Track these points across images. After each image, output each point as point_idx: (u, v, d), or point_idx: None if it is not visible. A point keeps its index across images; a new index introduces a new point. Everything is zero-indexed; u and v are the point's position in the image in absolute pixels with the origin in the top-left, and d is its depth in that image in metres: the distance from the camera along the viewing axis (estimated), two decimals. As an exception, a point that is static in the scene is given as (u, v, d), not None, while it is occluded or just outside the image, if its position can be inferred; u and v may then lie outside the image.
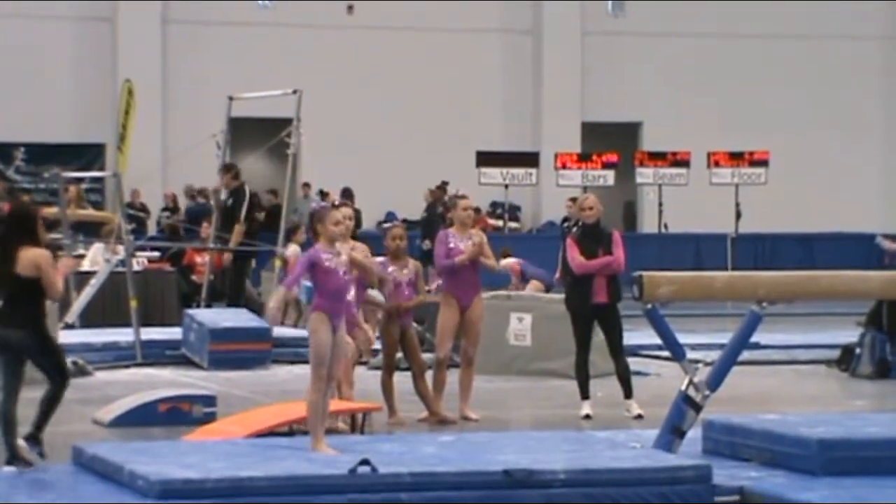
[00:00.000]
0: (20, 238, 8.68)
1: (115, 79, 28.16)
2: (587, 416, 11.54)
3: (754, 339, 8.96)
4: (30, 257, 8.63)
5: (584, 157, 27.60)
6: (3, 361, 8.75)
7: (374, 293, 11.28)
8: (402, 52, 29.61)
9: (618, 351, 11.73)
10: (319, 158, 27.90)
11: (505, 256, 17.57)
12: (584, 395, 11.71)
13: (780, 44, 30.91)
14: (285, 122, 18.76)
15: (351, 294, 9.85)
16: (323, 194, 26.94)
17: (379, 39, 29.53)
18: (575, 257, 11.64)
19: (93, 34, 28.81)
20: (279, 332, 16.24)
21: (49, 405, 8.84)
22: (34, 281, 8.63)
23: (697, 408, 8.50)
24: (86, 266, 17.68)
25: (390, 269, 11.35)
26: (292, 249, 18.76)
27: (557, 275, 17.45)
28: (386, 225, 12.17)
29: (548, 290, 17.58)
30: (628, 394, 11.71)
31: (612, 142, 29.04)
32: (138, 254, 18.21)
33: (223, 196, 17.96)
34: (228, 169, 17.79)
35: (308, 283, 17.22)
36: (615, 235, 11.78)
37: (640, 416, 11.42)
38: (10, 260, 8.63)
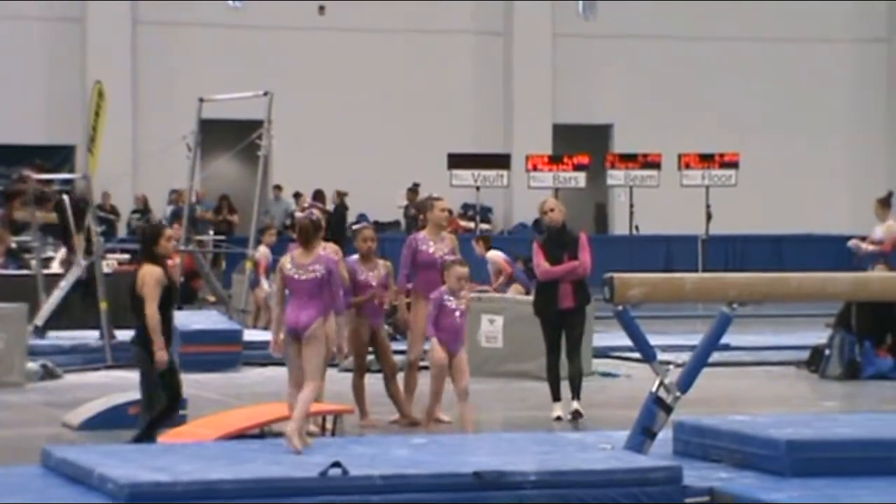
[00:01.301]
0: (144, 257, 9.04)
1: (85, 80, 28.06)
2: (558, 418, 11.54)
3: (724, 340, 8.99)
4: (140, 276, 8.93)
5: (555, 159, 27.62)
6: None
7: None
8: (374, 54, 29.59)
9: (573, 353, 11.63)
10: (291, 160, 27.87)
11: (485, 244, 16.98)
12: (556, 397, 11.73)
13: (751, 46, 31.02)
14: (256, 124, 18.76)
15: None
16: (297, 196, 26.88)
17: (350, 41, 29.50)
18: (540, 263, 11.59)
19: (62, 35, 28.69)
20: (250, 334, 16.22)
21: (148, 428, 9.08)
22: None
23: (668, 409, 8.51)
24: (55, 268, 17.62)
25: (360, 269, 11.35)
26: (262, 251, 18.74)
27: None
28: (356, 226, 12.13)
29: (528, 292, 17.58)
30: (575, 396, 11.59)
31: (583, 144, 29.08)
32: (108, 256, 18.14)
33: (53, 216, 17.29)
34: (42, 201, 17.09)
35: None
36: (581, 238, 11.69)
37: (577, 413, 11.37)
38: (134, 279, 8.99)
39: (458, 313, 10.78)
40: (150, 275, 8.88)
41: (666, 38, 30.68)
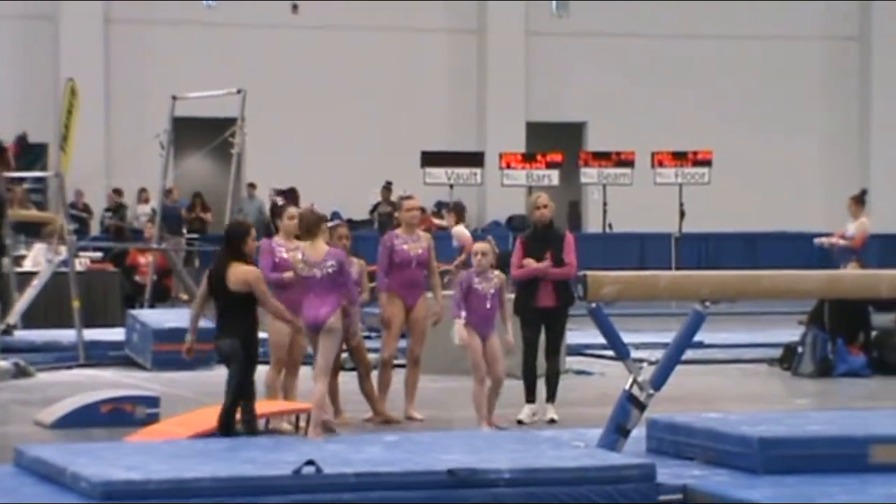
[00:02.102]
0: (231, 255, 9.33)
1: (58, 78, 27.95)
2: (520, 422, 11.27)
3: (698, 338, 9.01)
4: (238, 274, 9.24)
5: (528, 157, 27.64)
6: (228, 369, 9.41)
7: None
8: (347, 52, 29.56)
9: (553, 353, 11.51)
10: (264, 158, 27.83)
11: (457, 216, 16.42)
12: (530, 398, 11.53)
13: (725, 44, 31.08)
14: (230, 122, 18.72)
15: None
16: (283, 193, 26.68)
17: (324, 39, 29.47)
18: (514, 263, 11.42)
19: (35, 33, 28.57)
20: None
21: (245, 423, 9.35)
22: (245, 295, 9.28)
23: (641, 407, 8.53)
24: (28, 266, 17.57)
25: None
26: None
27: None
28: (330, 224, 12.10)
29: None
30: (550, 397, 11.47)
31: (556, 142, 29.09)
32: (81, 254, 18.09)
33: None
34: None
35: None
36: (567, 238, 11.46)
37: (553, 421, 11.26)
38: (223, 276, 9.26)
39: (487, 297, 10.54)
40: (253, 275, 9.29)
41: (639, 36, 30.73)
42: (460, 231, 16.00)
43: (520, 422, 11.35)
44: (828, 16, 31.83)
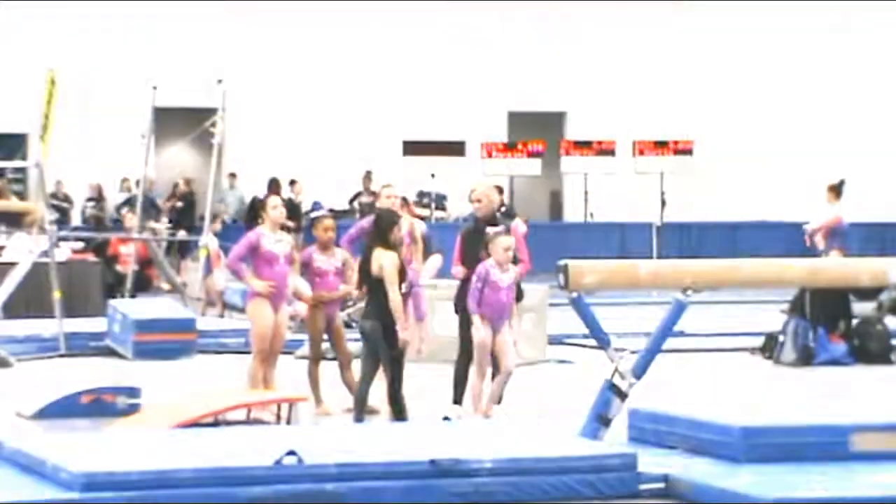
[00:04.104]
0: (377, 240, 9.87)
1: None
2: (446, 418, 10.50)
3: (679, 326, 9.02)
4: (377, 258, 9.77)
5: (510, 146, 27.65)
6: (363, 349, 9.92)
7: (300, 282, 11.27)
8: (328, 41, 29.51)
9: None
10: (245, 148, 27.78)
11: (408, 210, 16.01)
12: (457, 399, 10.91)
13: (705, 34, 31.10)
14: (210, 112, 18.69)
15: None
16: (292, 183, 26.52)
17: (305, 29, 29.41)
18: (454, 260, 10.98)
19: (14, 22, 28.44)
20: (204, 322, 16.16)
21: (391, 400, 9.91)
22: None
23: (623, 396, 8.54)
24: (7, 257, 17.51)
25: (317, 258, 11.30)
26: (209, 239, 18.67)
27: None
28: (314, 214, 12.10)
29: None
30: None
31: (537, 131, 29.09)
32: (62, 244, 18.03)
33: None
34: None
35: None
36: (514, 233, 10.74)
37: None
38: (368, 260, 9.81)
39: (504, 289, 10.41)
40: (390, 260, 9.72)
41: (619, 26, 30.72)
42: (417, 225, 15.82)
43: (446, 418, 10.62)
44: (810, 6, 31.84)
